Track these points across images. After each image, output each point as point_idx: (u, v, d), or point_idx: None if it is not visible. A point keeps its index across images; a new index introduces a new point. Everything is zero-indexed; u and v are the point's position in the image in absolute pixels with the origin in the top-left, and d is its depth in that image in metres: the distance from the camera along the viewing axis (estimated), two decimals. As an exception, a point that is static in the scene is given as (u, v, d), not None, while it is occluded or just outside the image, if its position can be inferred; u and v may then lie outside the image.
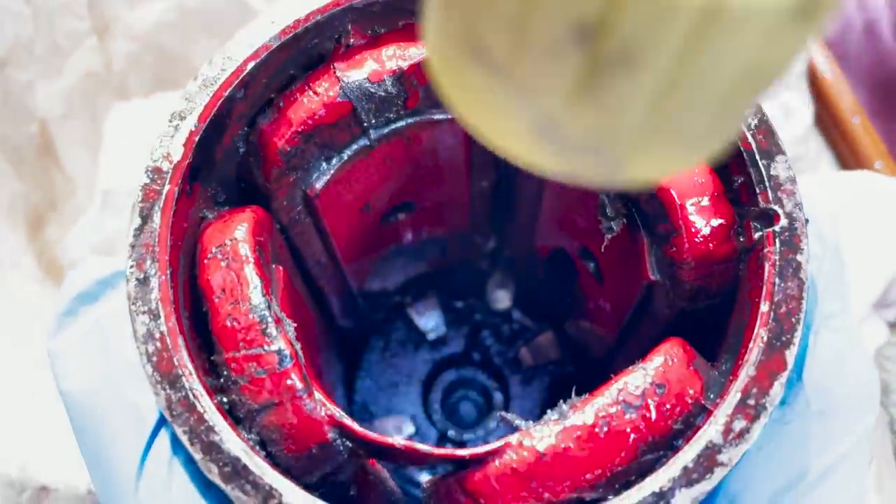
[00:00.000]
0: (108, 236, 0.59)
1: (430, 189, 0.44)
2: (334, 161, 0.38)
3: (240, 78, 0.33)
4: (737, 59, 0.17)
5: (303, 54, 0.35)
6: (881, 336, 0.62)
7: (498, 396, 0.58)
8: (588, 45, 0.16)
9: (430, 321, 0.58)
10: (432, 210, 0.47)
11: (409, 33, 0.36)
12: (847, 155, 0.73)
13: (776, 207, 0.30)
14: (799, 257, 0.30)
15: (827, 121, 0.75)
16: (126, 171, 0.57)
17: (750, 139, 0.31)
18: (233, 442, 0.28)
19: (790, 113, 0.71)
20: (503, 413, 0.32)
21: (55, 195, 0.63)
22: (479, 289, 0.60)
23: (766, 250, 0.30)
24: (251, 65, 0.33)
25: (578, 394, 0.54)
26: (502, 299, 0.61)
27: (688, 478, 0.27)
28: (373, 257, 0.49)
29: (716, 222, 0.32)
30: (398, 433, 0.56)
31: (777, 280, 0.29)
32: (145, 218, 0.31)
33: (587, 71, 0.17)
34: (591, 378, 0.54)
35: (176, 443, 0.29)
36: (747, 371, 0.28)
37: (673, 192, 0.32)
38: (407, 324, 0.58)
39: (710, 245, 0.32)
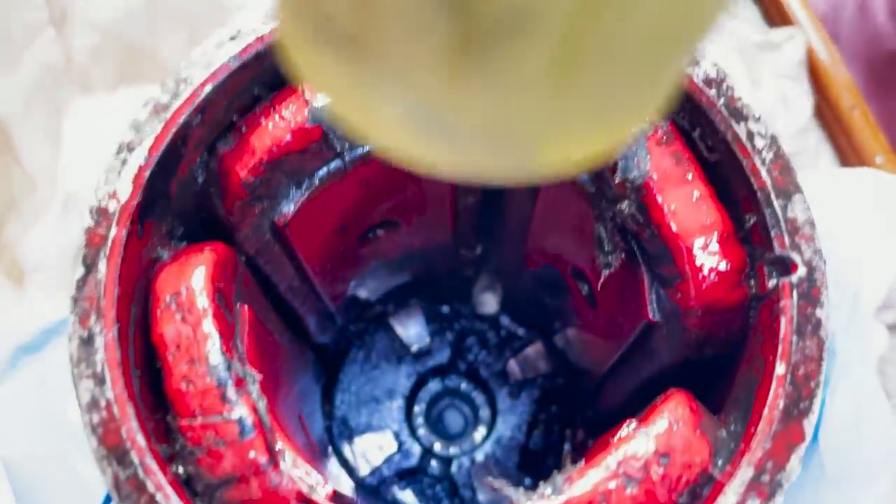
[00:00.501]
0: (72, 241, 0.55)
1: (412, 207, 0.41)
2: (304, 186, 0.34)
3: (196, 103, 0.29)
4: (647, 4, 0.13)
5: (267, 73, 0.31)
6: (882, 341, 0.59)
7: (485, 411, 0.55)
8: (457, 8, 0.12)
9: (412, 331, 0.55)
10: (414, 226, 0.43)
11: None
12: (847, 149, 0.70)
13: (793, 255, 0.27)
14: (819, 312, 0.27)
15: (826, 113, 0.72)
16: (89, 171, 0.54)
17: (765, 175, 0.28)
18: (188, 528, 0.25)
19: (789, 104, 0.68)
20: (490, 479, 0.29)
21: (14, 194, 0.59)
22: (465, 293, 0.57)
23: (781, 303, 0.27)
24: (209, 87, 0.30)
25: (572, 410, 0.51)
26: (489, 303, 0.58)
27: (696, 567, 0.24)
28: (351, 276, 0.46)
29: (724, 267, 0.29)
30: (379, 451, 0.53)
31: (794, 338, 0.27)
32: (89, 267, 0.28)
33: (462, 40, 0.13)
34: (580, 394, 0.52)
35: (126, 521, 0.26)
36: (762, 443, 0.26)
37: (677, 231, 0.29)
38: (389, 334, 0.55)
39: (719, 292, 0.29)
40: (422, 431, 0.54)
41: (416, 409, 0.55)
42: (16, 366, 0.30)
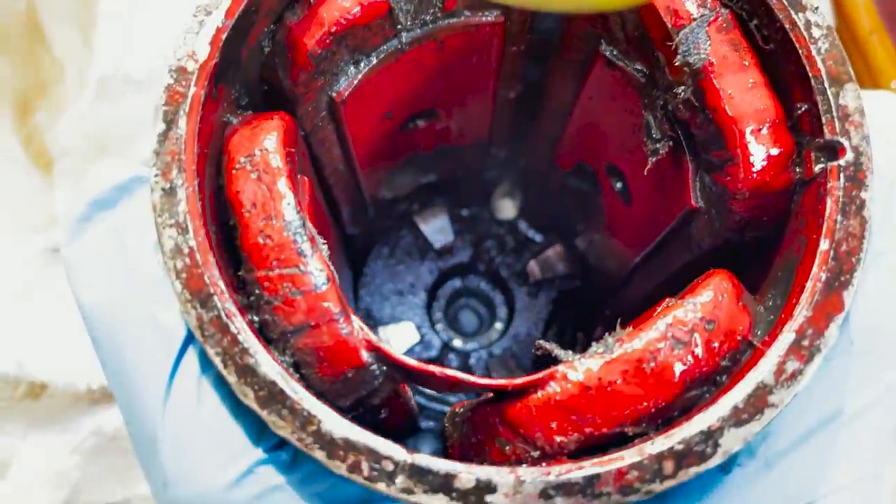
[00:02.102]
0: (103, 126, 0.56)
1: (455, 97, 0.42)
2: (363, 65, 0.35)
3: None
4: None
5: (338, -56, 0.32)
6: None
7: (503, 309, 0.57)
8: None
9: (436, 229, 0.57)
10: (453, 119, 0.44)
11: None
12: (863, 72, 0.71)
13: (843, 140, 0.29)
14: (863, 194, 0.28)
15: (845, 36, 0.72)
16: (123, 54, 0.54)
17: (820, 64, 0.30)
18: (269, 365, 0.27)
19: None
20: (541, 341, 0.31)
21: (43, 79, 0.59)
22: (486, 197, 0.59)
23: (829, 185, 0.29)
24: (282, -46, 0.30)
25: (586, 314, 0.53)
26: (507, 208, 0.60)
27: (737, 418, 0.27)
28: (388, 165, 0.47)
29: (775, 151, 0.30)
30: (402, 341, 0.55)
31: (839, 217, 0.28)
32: (170, 123, 0.29)
33: None
34: (599, 295, 0.54)
35: (205, 361, 0.28)
36: (803, 311, 0.28)
37: (732, 114, 0.30)
38: (413, 232, 0.57)
39: (768, 176, 0.30)
40: (440, 326, 0.56)
41: (436, 304, 0.57)
42: (91, 220, 0.31)
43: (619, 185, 0.43)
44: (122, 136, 0.56)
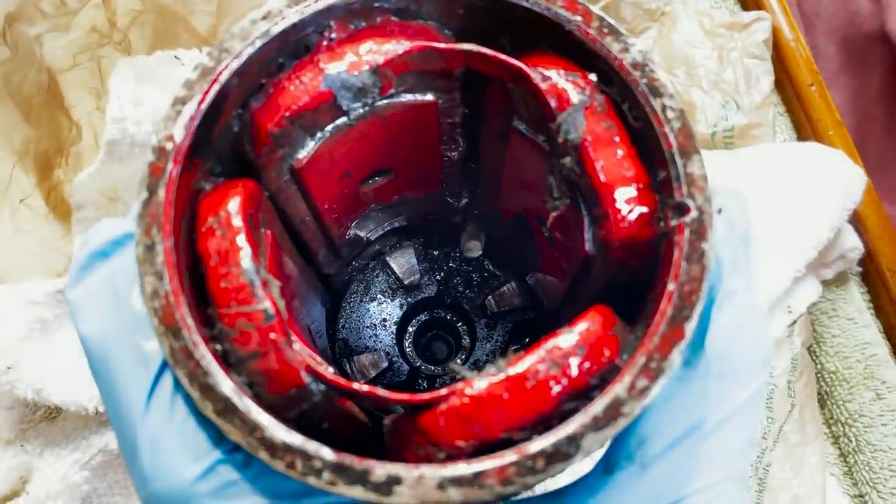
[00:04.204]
0: (113, 182, 0.64)
1: (406, 158, 0.50)
2: (317, 137, 0.43)
3: (234, 68, 0.38)
4: None
5: (290, 46, 0.40)
6: (815, 293, 0.68)
7: (465, 338, 0.64)
8: None
9: (405, 267, 0.64)
10: (407, 175, 0.52)
11: (384, 29, 0.41)
12: (803, 122, 0.78)
13: (688, 201, 0.36)
14: (704, 245, 0.35)
15: (786, 88, 0.79)
16: (129, 122, 0.62)
17: (672, 140, 0.37)
18: (225, 385, 0.34)
19: (752, 80, 0.76)
20: (454, 365, 0.38)
21: (62, 140, 0.67)
22: (453, 239, 0.66)
23: (676, 238, 0.36)
24: (245, 55, 0.38)
25: (533, 340, 0.60)
26: (475, 249, 0.67)
27: (596, 424, 0.33)
28: (353, 215, 0.54)
29: (640, 210, 0.37)
30: (374, 368, 0.62)
31: (684, 264, 0.35)
32: (151, 192, 0.36)
33: None
34: (545, 324, 0.60)
35: (177, 383, 0.35)
36: (653, 340, 0.34)
37: (604, 180, 0.38)
38: (385, 271, 0.64)
39: (634, 230, 0.37)
40: (410, 354, 0.63)
41: (406, 335, 0.64)
42: (90, 267, 0.39)
43: (545, 232, 0.50)
44: (130, 189, 0.64)
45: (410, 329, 0.65)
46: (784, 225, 0.65)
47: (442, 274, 0.65)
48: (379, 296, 0.64)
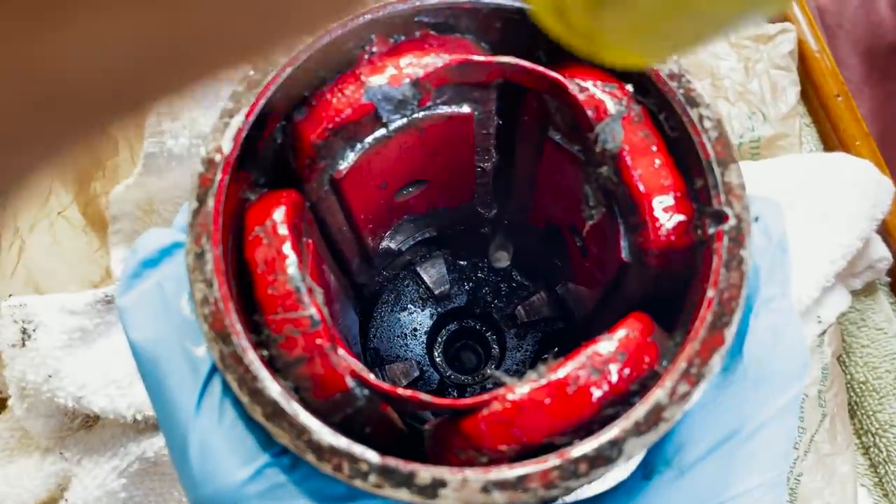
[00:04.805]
0: (150, 194, 0.65)
1: (440, 169, 0.50)
2: (357, 149, 0.44)
3: (279, 81, 0.39)
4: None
5: (332, 59, 0.41)
6: (844, 304, 0.68)
7: (494, 348, 0.65)
8: None
9: (435, 277, 0.65)
10: (441, 186, 0.53)
11: (423, 42, 0.42)
12: (829, 133, 0.78)
13: (726, 209, 0.36)
14: (742, 252, 0.36)
15: (812, 99, 0.80)
16: (167, 136, 0.63)
17: (710, 149, 0.37)
18: (273, 389, 0.34)
19: (777, 91, 0.76)
20: (493, 370, 0.39)
21: (99, 153, 0.69)
22: (482, 249, 0.67)
23: (715, 245, 0.36)
24: (289, 69, 0.39)
25: (563, 350, 0.61)
26: (503, 259, 0.68)
27: (638, 429, 0.34)
28: (387, 225, 0.55)
29: (677, 218, 0.38)
30: (406, 377, 0.63)
31: (723, 271, 0.36)
32: (201, 202, 0.37)
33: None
34: (575, 335, 0.61)
35: (226, 388, 0.36)
36: (693, 346, 0.35)
37: (643, 190, 0.38)
38: (415, 280, 0.65)
39: (672, 238, 0.38)
40: (441, 363, 0.64)
41: (437, 344, 0.65)
42: (140, 276, 0.40)
43: (578, 242, 0.50)
44: (165, 201, 0.65)
45: (440, 339, 0.65)
46: (812, 234, 0.65)
47: (471, 284, 0.66)
48: (409, 305, 0.65)
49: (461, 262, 0.66)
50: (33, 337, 0.58)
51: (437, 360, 0.65)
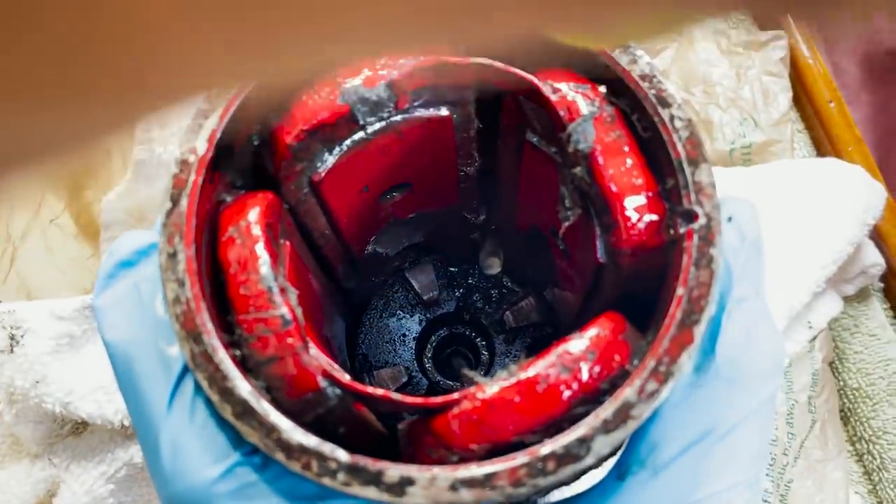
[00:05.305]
0: (140, 202, 0.66)
1: (423, 173, 0.51)
2: (335, 151, 0.44)
3: (255, 83, 0.39)
4: None
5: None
6: (835, 309, 0.68)
7: (484, 353, 0.64)
8: None
9: (424, 283, 0.65)
10: (425, 190, 0.53)
11: (399, 45, 0.42)
12: (822, 139, 0.78)
13: (696, 208, 0.36)
14: (712, 251, 0.36)
15: (805, 105, 0.80)
16: (155, 143, 0.64)
17: (680, 149, 0.37)
18: (243, 388, 0.35)
19: (769, 97, 0.76)
20: (465, 370, 0.39)
21: (92, 162, 0.69)
22: (472, 256, 0.67)
23: (685, 244, 0.36)
24: (264, 72, 0.39)
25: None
26: (494, 266, 0.68)
27: (606, 427, 0.34)
28: (372, 230, 0.55)
29: (649, 218, 0.38)
30: (394, 383, 0.63)
31: (692, 269, 0.36)
32: (175, 202, 0.37)
33: None
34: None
35: (198, 387, 0.36)
36: (662, 344, 0.35)
37: (615, 190, 0.38)
38: (405, 286, 0.65)
39: (644, 237, 0.38)
40: (430, 369, 0.64)
41: (426, 350, 0.65)
42: (116, 276, 0.40)
43: (560, 245, 0.50)
44: (155, 208, 0.66)
45: (430, 344, 0.65)
46: (803, 239, 0.65)
47: (461, 290, 0.66)
48: (398, 311, 0.65)
49: (452, 269, 0.66)
50: (21, 343, 0.58)
51: (427, 365, 0.65)
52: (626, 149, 0.39)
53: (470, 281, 0.66)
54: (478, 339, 0.65)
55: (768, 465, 0.62)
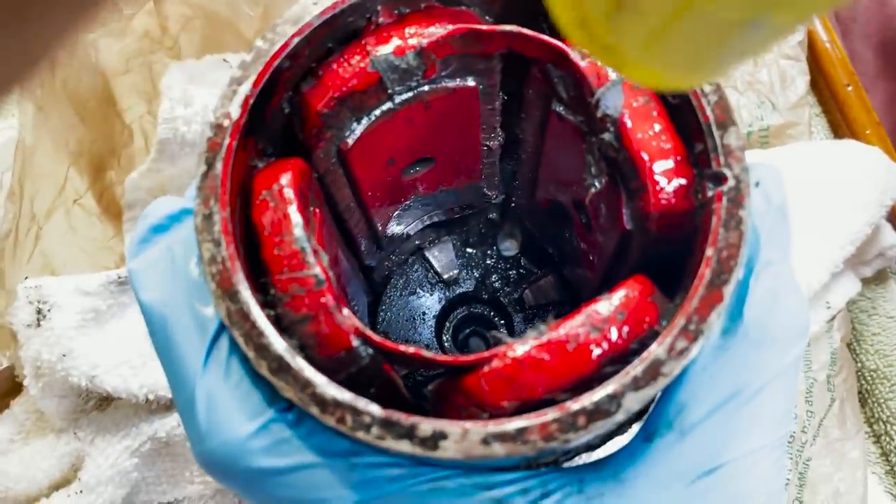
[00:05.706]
0: (162, 181, 0.66)
1: (446, 147, 0.51)
2: (364, 121, 0.44)
3: (287, 51, 0.40)
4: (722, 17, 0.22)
5: (339, 30, 0.41)
6: (853, 290, 0.68)
7: (503, 332, 0.65)
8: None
9: (444, 261, 0.65)
10: (448, 165, 0.53)
11: (429, 14, 0.42)
12: (839, 122, 0.78)
13: (726, 171, 0.37)
14: (741, 212, 0.36)
15: (822, 88, 0.80)
16: (179, 122, 0.65)
17: (709, 112, 0.38)
18: (279, 344, 0.35)
19: (787, 80, 0.76)
20: (495, 332, 0.39)
21: (115, 142, 0.70)
22: (491, 237, 0.67)
23: (714, 206, 0.37)
24: (296, 40, 0.40)
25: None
26: (511, 247, 0.68)
27: (636, 384, 0.34)
28: (395, 205, 0.56)
29: (677, 182, 0.38)
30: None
31: (722, 230, 0.36)
32: (210, 165, 0.38)
33: (613, 7, 0.23)
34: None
35: (233, 345, 0.37)
36: (692, 303, 0.35)
37: (643, 155, 0.39)
38: (424, 265, 0.66)
39: (672, 201, 0.38)
40: (449, 348, 0.64)
41: (445, 329, 0.65)
42: (149, 241, 0.40)
43: (583, 217, 0.51)
44: (178, 187, 0.67)
45: (448, 323, 0.66)
46: (821, 220, 0.65)
47: (480, 270, 0.67)
48: (418, 290, 0.66)
49: (470, 251, 0.67)
50: (48, 317, 0.59)
51: (446, 344, 0.65)
52: (655, 114, 0.39)
53: (488, 262, 0.67)
54: (496, 318, 0.66)
55: (787, 443, 0.63)
